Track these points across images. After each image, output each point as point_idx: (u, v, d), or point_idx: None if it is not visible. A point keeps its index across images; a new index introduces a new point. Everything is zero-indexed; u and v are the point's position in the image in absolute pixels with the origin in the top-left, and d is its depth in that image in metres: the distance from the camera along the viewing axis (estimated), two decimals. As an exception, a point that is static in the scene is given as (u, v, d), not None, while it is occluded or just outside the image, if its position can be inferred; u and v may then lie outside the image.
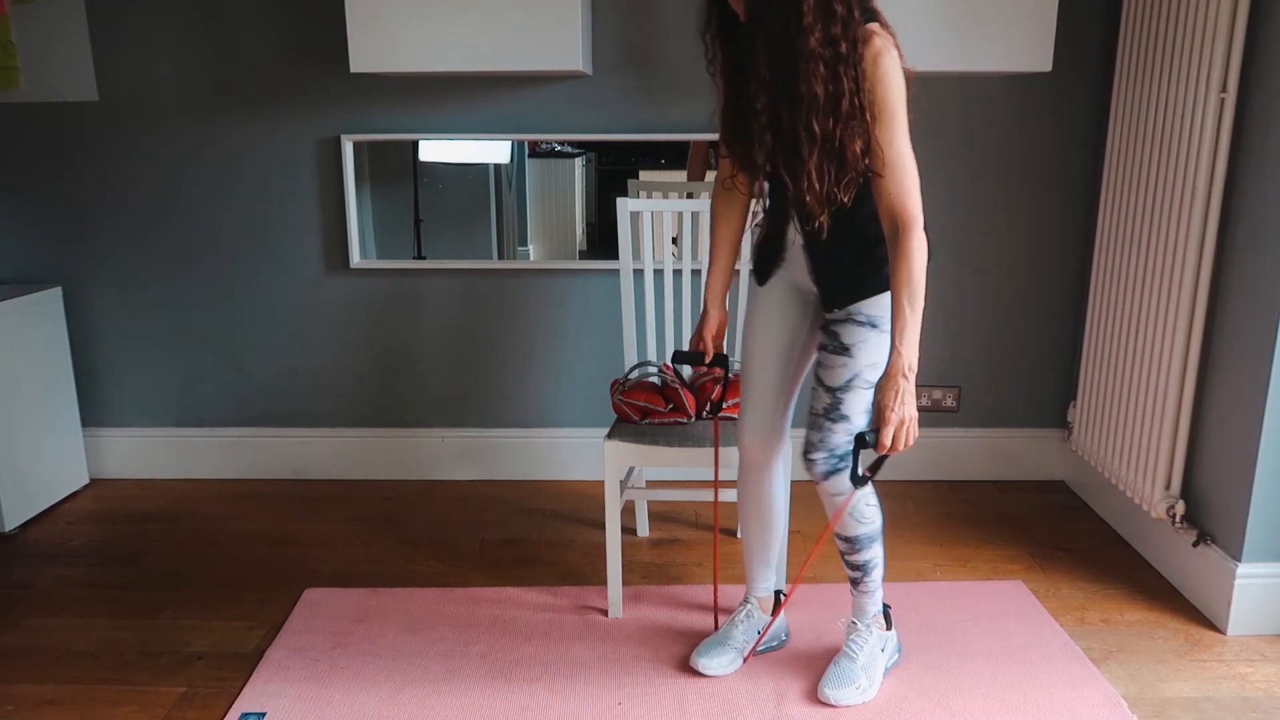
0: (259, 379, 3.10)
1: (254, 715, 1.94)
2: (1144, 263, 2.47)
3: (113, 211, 2.97)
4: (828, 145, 1.61)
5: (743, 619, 2.12)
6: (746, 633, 2.11)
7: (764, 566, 2.13)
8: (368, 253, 2.99)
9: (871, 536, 1.96)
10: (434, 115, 2.87)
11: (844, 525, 1.93)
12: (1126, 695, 2.01)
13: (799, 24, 1.54)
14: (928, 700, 1.99)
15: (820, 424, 1.86)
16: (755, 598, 2.15)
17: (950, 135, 2.86)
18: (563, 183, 2.97)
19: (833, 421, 1.84)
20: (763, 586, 2.15)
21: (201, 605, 2.38)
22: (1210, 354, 2.31)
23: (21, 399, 2.81)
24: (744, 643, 2.10)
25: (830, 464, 1.86)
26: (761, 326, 1.95)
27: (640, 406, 2.25)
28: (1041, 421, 3.10)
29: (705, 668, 2.06)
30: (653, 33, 2.79)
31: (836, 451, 1.85)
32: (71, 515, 2.91)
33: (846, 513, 1.90)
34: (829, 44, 1.55)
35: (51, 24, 2.80)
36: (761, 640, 2.13)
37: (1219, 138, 2.20)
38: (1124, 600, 2.39)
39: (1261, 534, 2.17)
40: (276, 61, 2.84)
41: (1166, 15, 2.37)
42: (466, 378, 3.09)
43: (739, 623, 2.12)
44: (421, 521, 2.85)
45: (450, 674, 2.08)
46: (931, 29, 2.45)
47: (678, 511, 2.90)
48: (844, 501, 1.88)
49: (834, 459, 1.85)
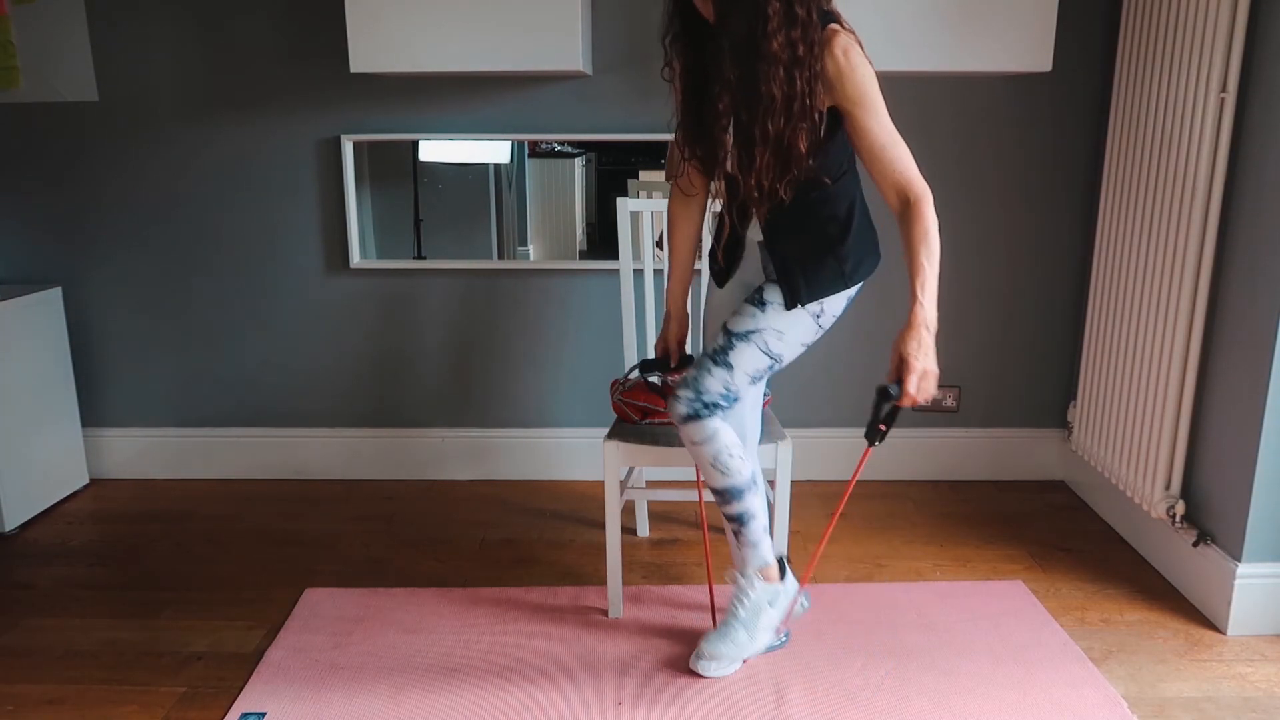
0: (259, 379, 3.10)
1: (254, 715, 1.94)
2: (1144, 263, 2.47)
3: (113, 211, 2.97)
4: (777, 144, 1.67)
5: (738, 595, 2.08)
6: (745, 610, 2.09)
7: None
8: (368, 253, 3.00)
9: (740, 488, 1.93)
10: (434, 115, 2.87)
11: (709, 477, 1.93)
12: (1126, 695, 2.01)
13: (764, 28, 1.60)
14: (928, 700, 1.99)
15: (702, 363, 1.87)
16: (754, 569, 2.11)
17: (950, 135, 2.86)
18: (563, 183, 2.98)
19: (715, 365, 1.85)
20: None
21: (201, 605, 2.38)
22: (1210, 354, 2.31)
23: (21, 399, 2.81)
24: (746, 638, 2.08)
25: (693, 407, 1.85)
26: (716, 318, 2.02)
27: (640, 406, 2.25)
28: (1041, 421, 3.10)
29: (705, 670, 2.05)
30: (653, 33, 2.77)
31: (704, 398, 1.84)
32: (71, 515, 2.92)
33: (708, 461, 1.89)
34: (789, 47, 1.61)
35: (51, 24, 2.80)
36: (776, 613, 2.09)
37: (1219, 138, 2.20)
38: (1124, 600, 2.39)
39: (1261, 534, 2.17)
40: (276, 61, 2.84)
41: (1166, 15, 2.37)
42: (466, 378, 3.09)
43: (735, 611, 2.10)
44: (421, 521, 2.85)
45: (450, 674, 2.08)
46: (931, 29, 2.45)
47: (678, 511, 2.90)
48: (713, 445, 1.87)
49: (698, 403, 1.84)
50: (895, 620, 2.28)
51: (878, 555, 2.62)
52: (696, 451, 1.90)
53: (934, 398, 1.73)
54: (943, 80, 2.78)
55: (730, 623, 2.00)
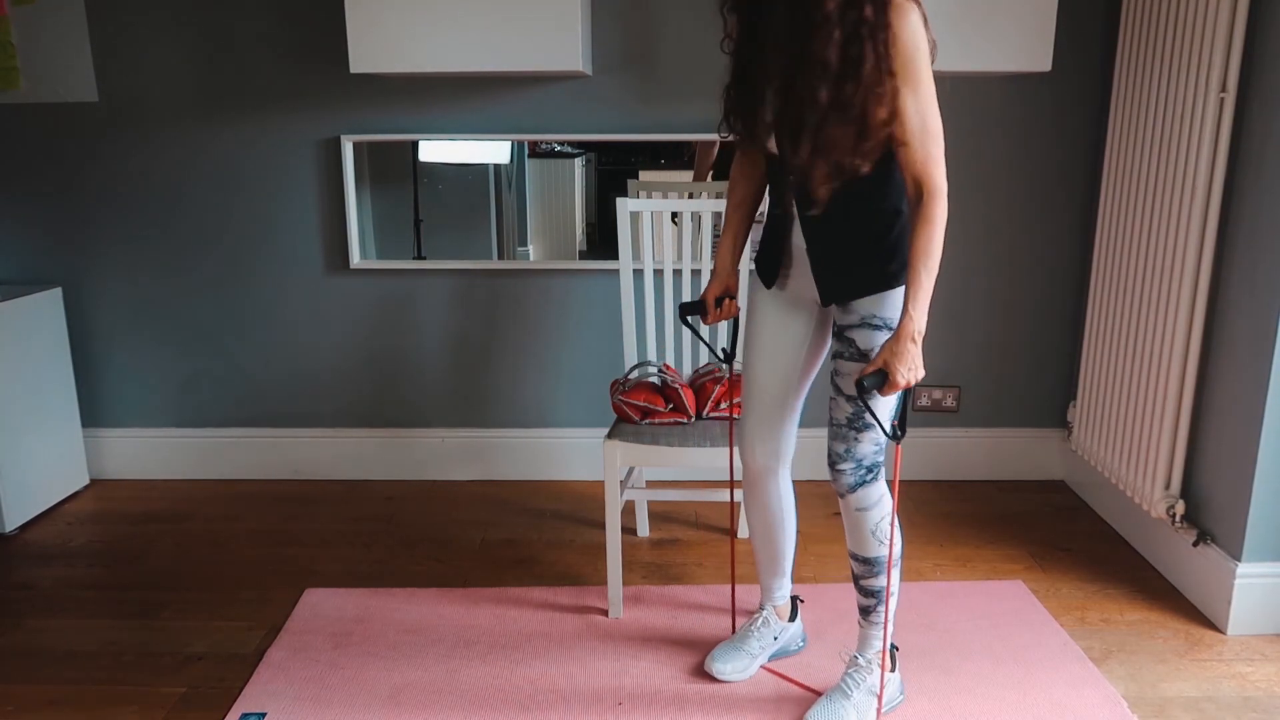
0: (259, 379, 3.10)
1: (254, 716, 1.94)
2: (1144, 262, 2.47)
3: (113, 211, 2.97)
4: (841, 112, 1.56)
5: (759, 625, 2.10)
6: (762, 639, 2.09)
7: (778, 575, 2.09)
8: (368, 253, 3.00)
9: (890, 560, 1.85)
10: (434, 115, 2.87)
11: (865, 544, 1.84)
12: (1127, 695, 2.01)
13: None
14: (928, 700, 1.99)
15: (844, 434, 1.79)
16: (771, 605, 2.12)
17: (950, 135, 2.81)
18: (563, 183, 2.98)
19: (858, 431, 1.78)
20: (778, 594, 2.11)
21: (202, 606, 2.38)
22: (1210, 354, 2.31)
23: (21, 399, 2.81)
24: (758, 649, 2.08)
25: (858, 475, 1.80)
26: (765, 335, 1.89)
27: (640, 406, 2.25)
28: (1041, 421, 3.10)
29: (720, 672, 2.05)
30: (653, 33, 2.80)
31: (864, 462, 1.79)
32: (72, 516, 2.92)
33: (869, 529, 1.82)
34: (851, 7, 1.52)
35: (51, 25, 2.80)
36: (777, 646, 2.11)
37: (1219, 137, 2.20)
38: (1124, 600, 2.39)
39: (1261, 533, 2.17)
40: (276, 62, 2.84)
41: (1166, 15, 2.37)
42: (466, 378, 3.09)
43: (755, 630, 2.09)
44: (421, 521, 2.85)
45: (450, 674, 2.08)
46: (931, 29, 2.44)
47: (678, 511, 2.90)
48: (870, 505, 1.80)
49: (861, 470, 1.79)
50: (896, 620, 2.28)
51: (878, 555, 2.62)
52: (858, 519, 1.82)
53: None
54: (942, 80, 2.78)
55: (841, 704, 1.89)
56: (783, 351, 1.89)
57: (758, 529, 2.05)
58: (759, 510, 2.02)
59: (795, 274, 1.84)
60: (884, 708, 1.93)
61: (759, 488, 1.99)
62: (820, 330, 1.89)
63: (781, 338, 1.88)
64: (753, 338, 1.92)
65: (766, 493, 1.99)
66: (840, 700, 1.90)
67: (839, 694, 1.91)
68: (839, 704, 1.89)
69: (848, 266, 1.75)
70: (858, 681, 1.91)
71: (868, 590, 1.88)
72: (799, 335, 1.88)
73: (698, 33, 2.79)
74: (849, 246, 1.74)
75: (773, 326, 1.89)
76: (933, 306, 2.98)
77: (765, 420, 1.92)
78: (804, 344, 1.88)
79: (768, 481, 1.97)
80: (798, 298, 1.86)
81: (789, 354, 1.88)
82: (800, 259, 1.81)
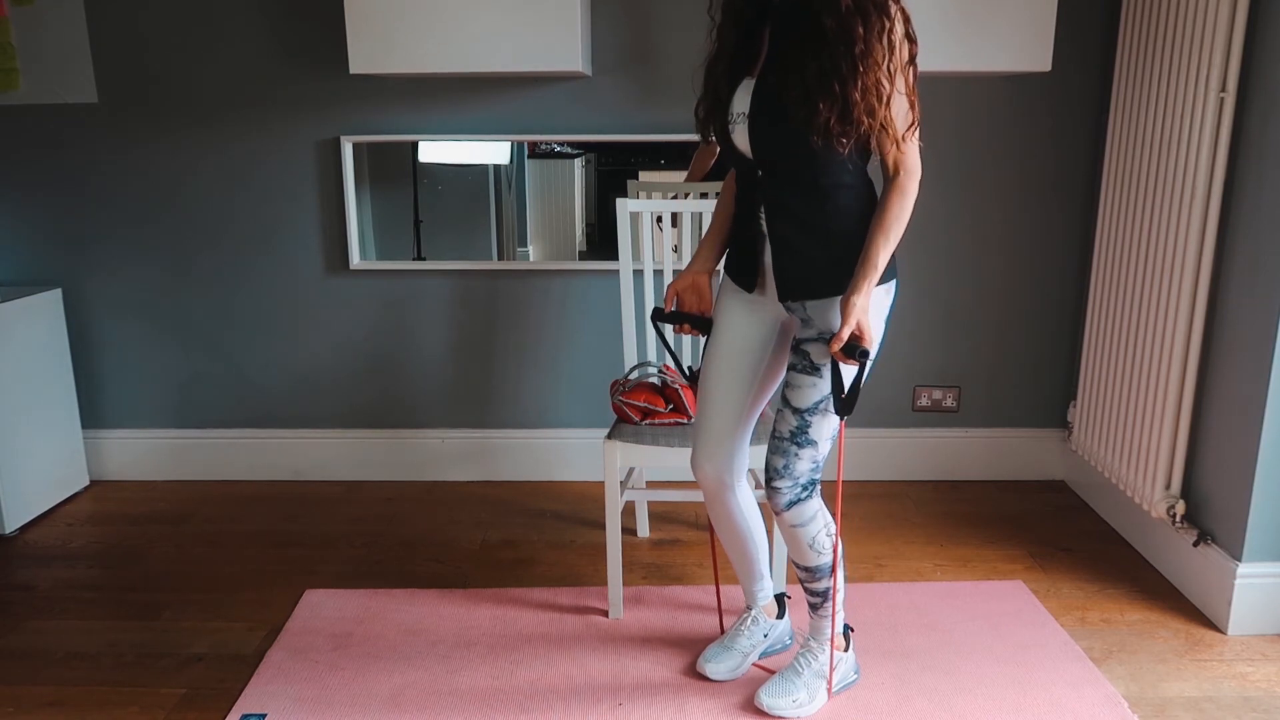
0: (259, 380, 3.10)
1: (254, 716, 1.94)
2: (1144, 262, 2.47)
3: (113, 212, 2.97)
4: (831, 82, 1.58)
5: (748, 624, 2.11)
6: (751, 638, 2.10)
7: (756, 579, 2.11)
8: (367, 254, 3.00)
9: (830, 565, 1.89)
10: (434, 116, 2.87)
11: (804, 556, 1.88)
12: (1127, 695, 2.01)
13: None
14: (928, 700, 1.99)
15: (784, 448, 1.79)
16: (758, 606, 2.13)
17: (949, 135, 2.86)
18: (562, 183, 2.98)
19: (799, 446, 1.78)
20: (761, 596, 2.13)
21: (202, 607, 2.38)
22: (1210, 354, 2.31)
23: (21, 400, 2.81)
24: (749, 647, 2.09)
25: (794, 493, 1.80)
26: (724, 342, 1.88)
27: (640, 407, 2.25)
28: (1041, 421, 3.10)
29: (713, 673, 2.05)
30: (652, 33, 2.79)
31: (800, 480, 1.80)
32: (72, 517, 2.91)
33: (806, 543, 1.86)
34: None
35: (51, 25, 2.80)
36: (766, 644, 2.12)
37: (1219, 137, 2.20)
38: (1124, 600, 2.39)
39: (1261, 534, 2.17)
40: (276, 63, 2.84)
41: (1166, 15, 2.37)
42: (466, 378, 3.09)
43: (745, 629, 2.11)
44: (421, 522, 2.85)
45: (450, 674, 2.08)
46: (931, 29, 2.45)
47: (678, 512, 2.90)
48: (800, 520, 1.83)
49: (797, 488, 1.80)
50: (895, 620, 2.28)
51: (878, 555, 2.62)
52: (796, 534, 1.85)
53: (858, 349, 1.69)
54: (942, 80, 2.78)
55: (791, 680, 1.96)
56: (740, 366, 1.87)
57: (725, 540, 2.06)
58: (721, 522, 2.03)
59: (767, 294, 1.83)
60: (836, 686, 2.00)
61: (716, 502, 1.99)
62: (779, 351, 1.88)
63: (740, 350, 1.87)
64: (713, 346, 1.91)
65: (726, 505, 1.99)
66: (791, 678, 1.97)
67: (791, 672, 1.99)
68: (790, 680, 1.97)
69: (808, 265, 1.75)
70: (808, 661, 1.99)
71: (814, 591, 1.94)
72: (758, 350, 1.87)
73: (698, 33, 2.78)
74: (813, 246, 1.74)
75: (731, 341, 1.88)
76: (933, 306, 2.99)
77: (714, 435, 1.91)
78: (762, 360, 1.87)
79: (725, 496, 1.97)
80: (763, 315, 1.86)
81: (746, 370, 1.87)
82: (770, 278, 1.80)
